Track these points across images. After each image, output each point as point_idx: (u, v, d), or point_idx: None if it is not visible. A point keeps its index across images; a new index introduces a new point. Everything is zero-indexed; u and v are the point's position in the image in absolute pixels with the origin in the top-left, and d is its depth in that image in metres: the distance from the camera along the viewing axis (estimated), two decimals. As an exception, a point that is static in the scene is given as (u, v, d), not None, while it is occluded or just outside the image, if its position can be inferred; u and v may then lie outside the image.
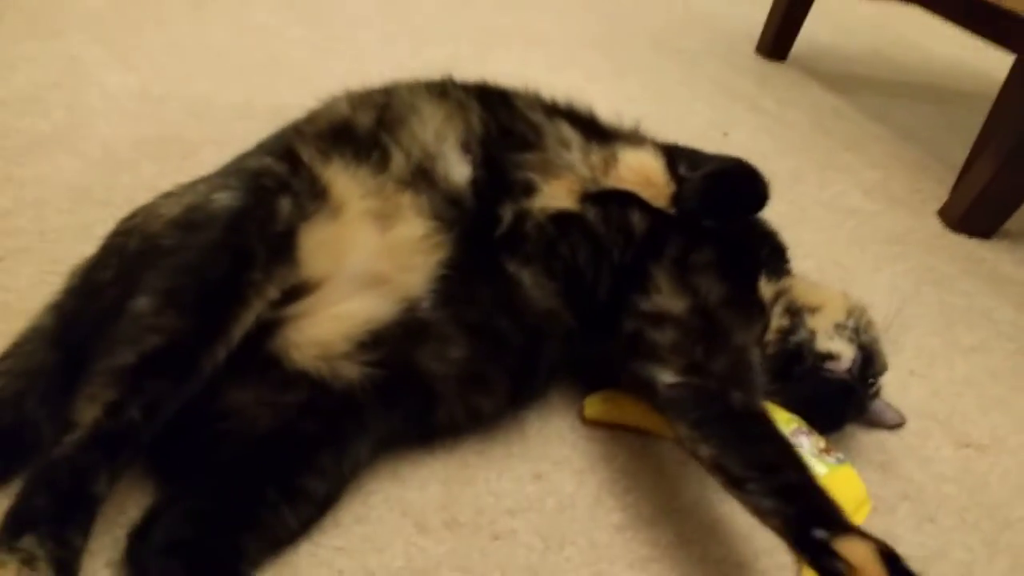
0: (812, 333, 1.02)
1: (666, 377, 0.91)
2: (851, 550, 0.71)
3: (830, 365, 1.00)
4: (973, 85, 2.56)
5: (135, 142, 1.35)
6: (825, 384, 1.01)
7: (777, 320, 1.04)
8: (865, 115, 2.18)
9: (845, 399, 1.02)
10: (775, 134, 1.92)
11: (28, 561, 0.63)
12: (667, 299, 0.97)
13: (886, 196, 1.78)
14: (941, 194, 1.81)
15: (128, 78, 1.52)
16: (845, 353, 1.01)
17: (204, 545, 0.74)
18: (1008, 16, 1.78)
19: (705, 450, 0.85)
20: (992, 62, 2.05)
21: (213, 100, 1.52)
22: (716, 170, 1.04)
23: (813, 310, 1.04)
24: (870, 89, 2.40)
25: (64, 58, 1.53)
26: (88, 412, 0.72)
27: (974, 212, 1.69)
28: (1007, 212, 1.68)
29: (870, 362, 1.04)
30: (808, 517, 0.76)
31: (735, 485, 0.82)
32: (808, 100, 2.20)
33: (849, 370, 1.01)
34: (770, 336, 1.04)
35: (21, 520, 0.67)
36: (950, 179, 1.85)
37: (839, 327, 1.04)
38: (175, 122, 1.43)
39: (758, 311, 1.04)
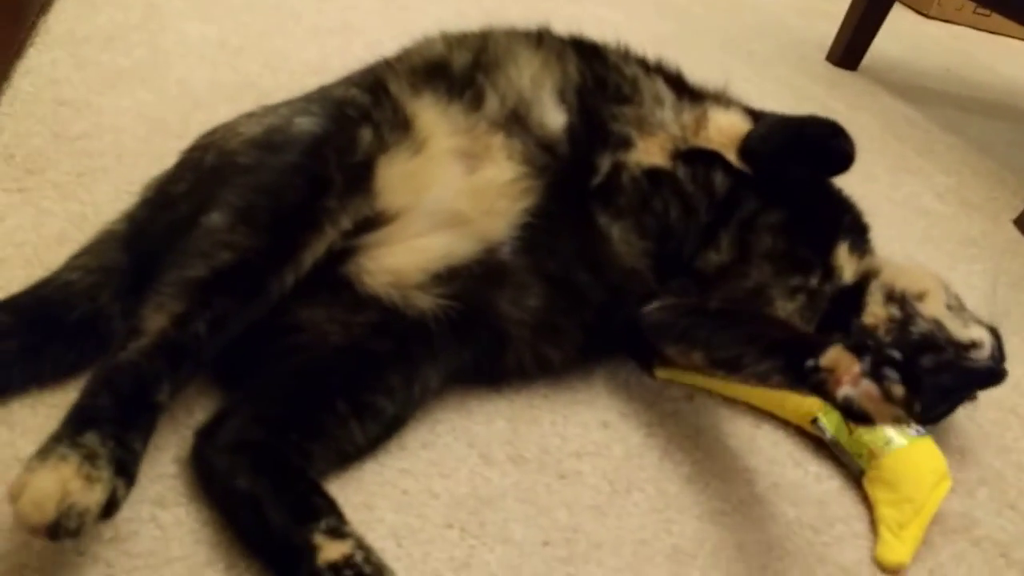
0: (935, 322, 0.97)
1: (653, 305, 0.93)
2: (825, 358, 0.71)
3: (974, 353, 0.96)
4: (1048, 108, 2.51)
5: (211, 84, 1.35)
6: (971, 373, 0.96)
7: (882, 309, 1.00)
8: (937, 125, 2.13)
9: (990, 384, 0.98)
10: (846, 134, 1.89)
11: (90, 457, 0.61)
12: (718, 256, 0.97)
13: (959, 200, 1.73)
14: (1016, 204, 1.76)
15: (207, 28, 1.53)
16: (985, 339, 0.97)
17: (271, 446, 0.73)
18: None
19: (697, 355, 0.89)
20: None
21: (289, 56, 1.52)
22: (790, 120, 1.02)
23: (918, 296, 1.00)
24: (942, 102, 2.35)
25: (144, 4, 1.54)
26: (155, 321, 0.71)
27: (1052, 222, 1.64)
28: (1087, 223, 1.63)
29: (1000, 341, 0.99)
30: (796, 358, 0.75)
31: (733, 368, 0.85)
32: (879, 106, 2.16)
33: (992, 355, 0.97)
34: (878, 324, 0.99)
35: (85, 417, 0.65)
36: (1025, 191, 1.80)
37: (954, 310, 1.00)
38: (251, 72, 1.44)
39: (816, 268, 1.00)
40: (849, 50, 2.41)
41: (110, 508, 0.60)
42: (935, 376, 0.95)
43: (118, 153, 1.12)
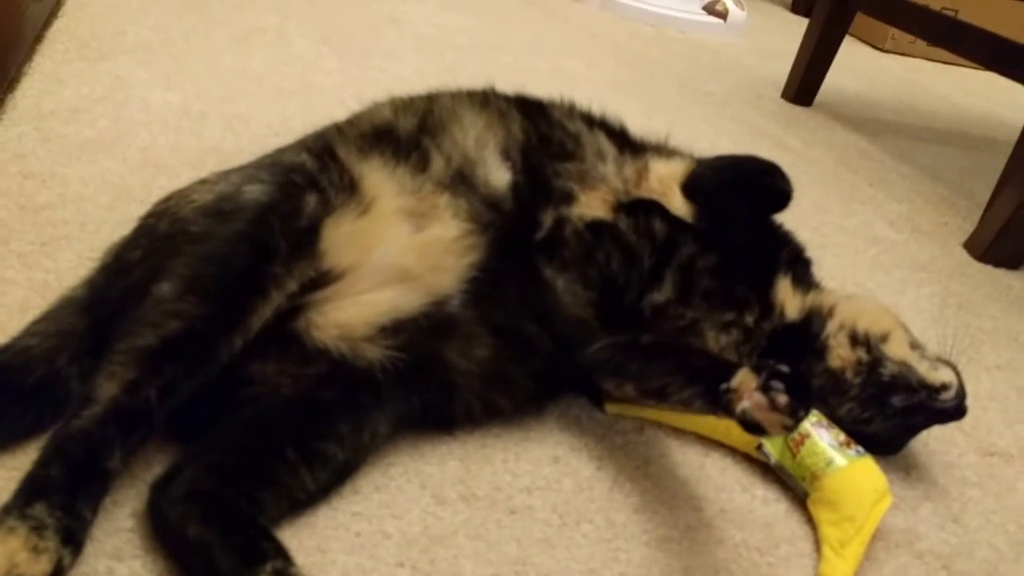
0: (903, 364, 1.01)
1: (594, 346, 0.97)
2: (735, 380, 0.78)
3: (944, 395, 1.00)
4: (999, 132, 2.57)
5: (174, 150, 1.40)
6: (939, 413, 1.01)
7: (849, 352, 1.02)
8: (890, 155, 2.20)
9: (954, 420, 1.03)
10: (800, 168, 1.94)
11: (37, 528, 0.65)
12: (659, 295, 1.00)
13: (911, 227, 1.79)
14: (967, 228, 1.81)
15: (170, 96, 1.58)
16: (953, 380, 1.01)
17: (223, 495, 0.76)
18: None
19: (629, 388, 0.95)
20: (1020, 111, 2.07)
21: (250, 119, 1.57)
22: (728, 160, 1.07)
23: (882, 338, 1.03)
24: (895, 133, 2.42)
25: (110, 77, 1.59)
26: (107, 389, 0.75)
27: (1000, 243, 1.69)
28: (1034, 242, 1.68)
29: (960, 377, 1.03)
30: (714, 383, 0.80)
31: (661, 398, 0.91)
32: (833, 140, 2.22)
33: (958, 394, 1.01)
34: (846, 367, 1.02)
35: (34, 488, 0.69)
36: (976, 215, 1.85)
37: (917, 350, 1.03)
38: (213, 136, 1.48)
39: (752, 305, 1.04)
40: (803, 87, 2.48)
41: None
42: (907, 416, 1.01)
43: (81, 221, 1.16)
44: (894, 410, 1.00)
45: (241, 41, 1.95)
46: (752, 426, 0.75)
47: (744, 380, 0.76)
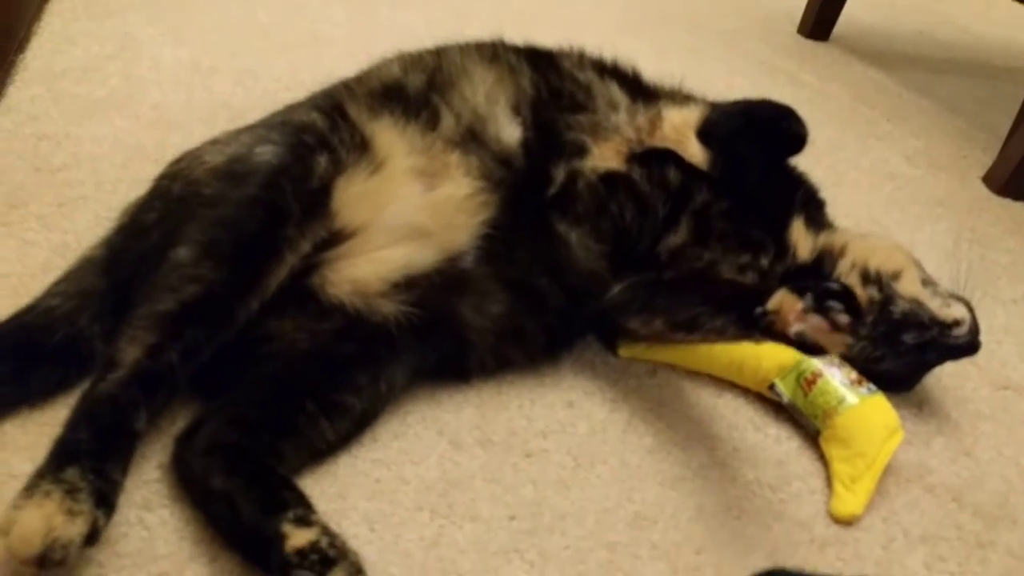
0: (915, 301, 1.01)
1: (615, 290, 0.98)
2: (772, 303, 0.79)
3: (956, 331, 1.00)
4: (1020, 61, 2.52)
5: (186, 107, 1.40)
6: (952, 349, 1.01)
7: (861, 291, 1.02)
8: (908, 88, 2.16)
9: (967, 356, 1.04)
10: (815, 105, 1.92)
11: (71, 492, 0.68)
12: (675, 238, 1.01)
13: (928, 162, 1.76)
14: (986, 161, 1.78)
15: (180, 52, 1.58)
16: (966, 316, 1.01)
17: (244, 447, 0.78)
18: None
19: (658, 323, 0.95)
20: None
21: (259, 73, 1.57)
22: (743, 104, 1.06)
23: (894, 276, 1.03)
24: (914, 66, 2.37)
25: (119, 35, 1.59)
26: (130, 353, 0.77)
27: (1019, 176, 1.66)
28: (1052, 175, 1.65)
29: (974, 313, 1.03)
30: (747, 308, 0.81)
31: (692, 328, 0.92)
32: (850, 75, 2.18)
33: (971, 329, 1.01)
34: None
35: (66, 452, 0.72)
36: (995, 147, 1.82)
37: (929, 286, 1.03)
38: (224, 91, 1.48)
39: (768, 248, 1.04)
40: (819, 21, 2.43)
41: (92, 537, 0.67)
42: (920, 353, 1.01)
43: (97, 181, 1.17)
44: (906, 347, 1.00)
45: (247, -8, 1.94)
46: (810, 348, 0.76)
47: (784, 302, 0.77)
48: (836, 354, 0.98)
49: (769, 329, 0.79)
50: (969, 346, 1.02)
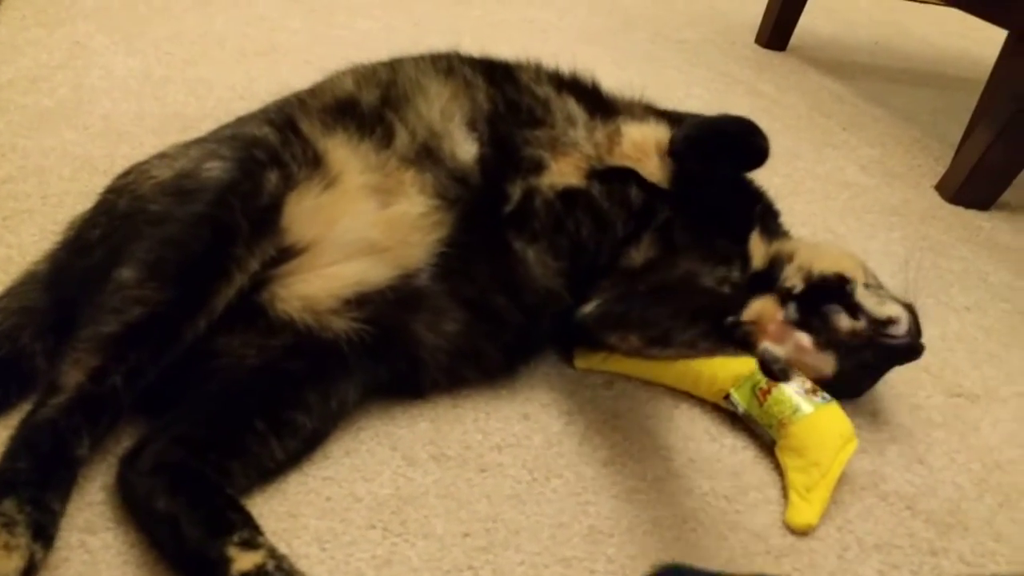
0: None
1: (592, 304, 0.97)
2: (749, 311, 0.75)
3: (891, 330, 0.98)
4: (974, 72, 2.56)
5: (136, 117, 1.38)
6: (889, 349, 0.99)
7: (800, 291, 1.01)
8: (864, 99, 2.19)
9: (909, 359, 1.02)
10: (773, 115, 1.94)
11: (7, 525, 0.66)
12: (639, 254, 1.00)
13: (883, 171, 1.79)
14: (939, 170, 1.81)
15: (131, 61, 1.56)
16: (902, 316, 0.98)
17: (190, 467, 0.76)
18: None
19: (633, 339, 0.94)
20: (993, 48, 2.05)
21: (214, 82, 1.55)
22: (711, 120, 1.06)
23: (836, 278, 1.02)
24: (870, 76, 2.41)
25: (69, 43, 1.57)
26: (73, 376, 0.75)
27: (971, 184, 1.69)
28: (1003, 183, 1.68)
29: (916, 317, 1.02)
30: (718, 318, 0.78)
31: (666, 344, 0.90)
32: (807, 85, 2.21)
33: (908, 331, 0.99)
34: None
35: (3, 483, 0.69)
36: (948, 157, 1.85)
37: (871, 288, 1.02)
38: (176, 101, 1.47)
39: (735, 260, 1.04)
40: (776, 31, 2.46)
41: (28, 573, 0.65)
42: (856, 353, 0.99)
43: (43, 194, 1.15)
44: (845, 348, 1.00)
45: (204, 2, 1.92)
46: (775, 373, 0.71)
47: (765, 310, 0.73)
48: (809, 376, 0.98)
49: (745, 340, 0.74)
50: (909, 348, 1.00)
